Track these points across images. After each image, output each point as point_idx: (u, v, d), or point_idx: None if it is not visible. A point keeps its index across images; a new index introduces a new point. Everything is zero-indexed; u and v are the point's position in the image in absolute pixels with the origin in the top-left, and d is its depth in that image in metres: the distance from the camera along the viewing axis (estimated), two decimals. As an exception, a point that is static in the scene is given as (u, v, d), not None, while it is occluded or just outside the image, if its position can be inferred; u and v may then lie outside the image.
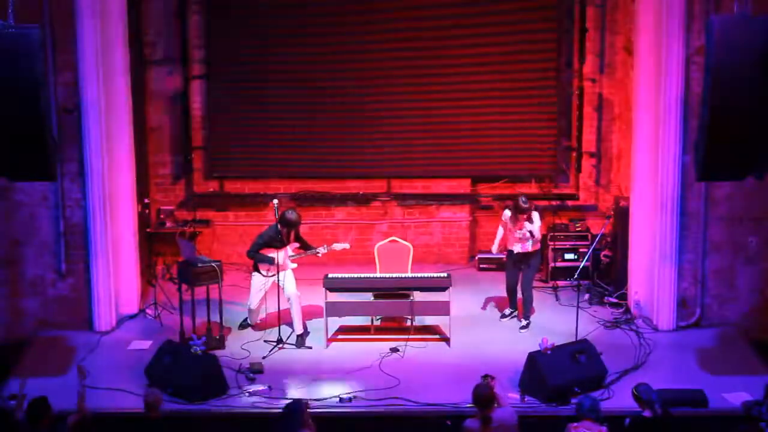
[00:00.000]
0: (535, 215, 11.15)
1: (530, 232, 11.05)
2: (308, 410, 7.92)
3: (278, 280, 10.76)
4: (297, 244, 10.96)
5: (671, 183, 10.91)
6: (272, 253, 10.78)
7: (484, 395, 7.93)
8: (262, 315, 11.25)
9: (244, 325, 11.26)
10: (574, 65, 13.30)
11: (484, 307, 11.95)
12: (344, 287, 10.93)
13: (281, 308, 10.78)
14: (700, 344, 10.82)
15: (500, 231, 11.43)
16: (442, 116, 13.23)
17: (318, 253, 10.96)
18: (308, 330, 10.93)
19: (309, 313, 11.34)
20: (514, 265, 11.37)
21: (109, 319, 11.23)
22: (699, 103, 9.16)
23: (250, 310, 11.14)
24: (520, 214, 11.06)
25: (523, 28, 12.97)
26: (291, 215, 10.74)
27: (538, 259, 11.41)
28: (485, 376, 8.35)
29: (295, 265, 10.97)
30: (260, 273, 10.89)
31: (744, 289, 11.20)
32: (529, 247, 11.17)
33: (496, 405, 8.01)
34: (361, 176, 13.56)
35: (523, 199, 11.09)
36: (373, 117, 13.28)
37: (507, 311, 11.55)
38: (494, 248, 11.55)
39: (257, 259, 10.83)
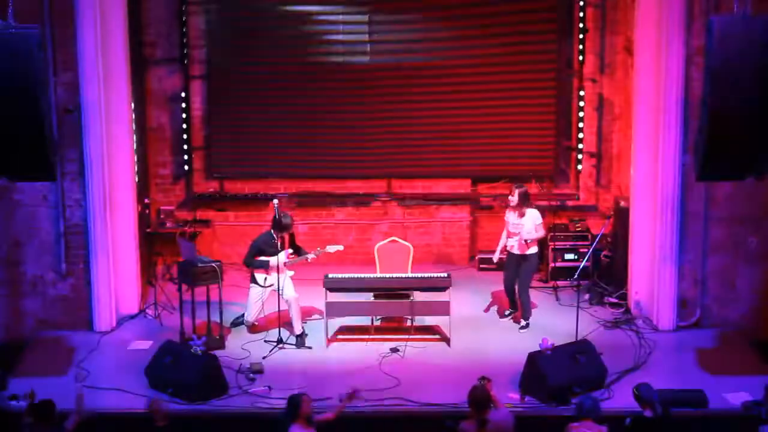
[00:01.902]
0: (530, 213, 11.00)
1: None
2: (308, 404, 8.01)
3: (277, 288, 10.72)
4: (291, 250, 10.95)
5: (671, 183, 10.91)
6: (268, 259, 10.79)
7: (480, 397, 7.94)
8: (261, 315, 11.23)
9: (236, 323, 11.26)
10: (574, 65, 13.30)
11: (484, 308, 11.94)
12: (344, 287, 10.92)
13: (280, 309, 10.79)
14: (700, 344, 10.82)
15: (503, 237, 11.38)
16: (442, 116, 13.23)
17: (308, 258, 10.93)
18: (306, 332, 10.91)
19: (309, 313, 11.36)
20: (509, 264, 11.29)
21: (109, 319, 11.23)
22: (699, 103, 9.16)
23: (246, 320, 11.14)
24: (511, 208, 11.05)
25: (523, 28, 12.98)
26: (285, 219, 10.76)
27: (534, 262, 11.23)
28: (482, 378, 8.35)
29: (292, 272, 10.96)
30: (258, 284, 10.89)
31: (744, 290, 11.20)
32: (515, 245, 11.06)
33: (492, 407, 8.02)
34: (361, 176, 13.56)
35: (516, 191, 11.04)
36: (373, 117, 13.28)
37: (507, 312, 11.54)
38: (495, 257, 11.48)
39: (254, 264, 10.83)
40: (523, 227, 10.99)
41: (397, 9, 13.03)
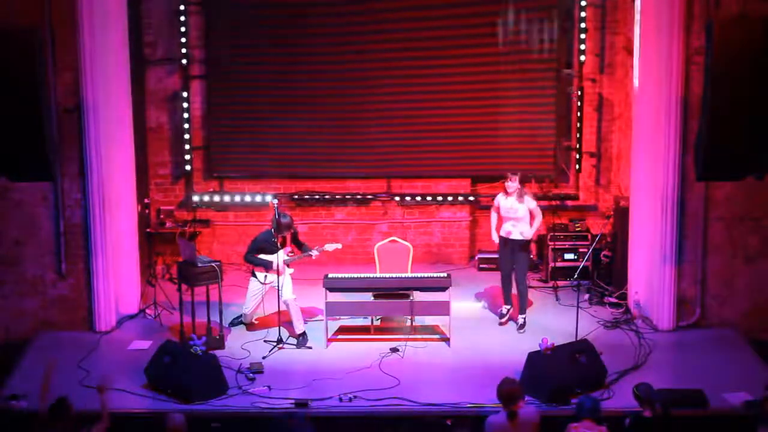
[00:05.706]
0: (527, 200, 10.95)
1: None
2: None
3: (277, 286, 10.73)
4: (289, 248, 10.94)
5: (671, 183, 10.90)
6: (268, 257, 10.78)
7: (507, 390, 7.93)
8: (260, 315, 11.24)
9: (235, 323, 11.27)
10: (574, 65, 13.30)
11: (483, 308, 11.95)
12: (344, 287, 10.92)
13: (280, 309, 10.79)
14: (700, 344, 10.82)
15: (493, 219, 11.32)
16: (442, 116, 13.23)
17: (311, 255, 10.94)
18: (306, 332, 10.92)
19: (308, 313, 11.35)
20: (503, 250, 11.19)
21: (109, 319, 11.23)
22: (699, 103, 9.16)
23: (244, 314, 11.16)
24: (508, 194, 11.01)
25: (523, 28, 12.97)
26: (284, 219, 10.76)
27: (529, 248, 11.21)
28: (506, 379, 8.35)
29: (291, 270, 10.96)
30: (258, 280, 10.89)
31: (744, 289, 11.19)
32: (512, 231, 11.00)
33: (522, 400, 8.00)
34: (361, 176, 13.56)
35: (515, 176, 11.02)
36: (373, 117, 13.28)
37: (504, 309, 11.44)
38: (495, 237, 11.33)
39: (254, 262, 10.84)
40: (518, 213, 10.93)
41: (395, 9, 13.03)
